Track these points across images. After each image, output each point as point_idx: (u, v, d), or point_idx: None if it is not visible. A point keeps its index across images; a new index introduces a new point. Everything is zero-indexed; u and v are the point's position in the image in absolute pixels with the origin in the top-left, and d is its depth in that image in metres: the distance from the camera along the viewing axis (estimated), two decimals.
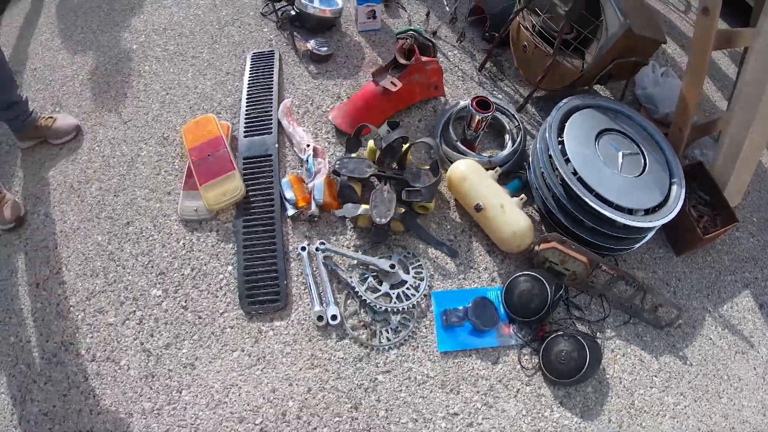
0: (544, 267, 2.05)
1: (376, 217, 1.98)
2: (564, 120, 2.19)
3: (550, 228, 2.18)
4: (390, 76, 2.37)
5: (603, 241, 2.07)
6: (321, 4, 2.78)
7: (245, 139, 2.32)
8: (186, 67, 2.71)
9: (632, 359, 2.00)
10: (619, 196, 2.00)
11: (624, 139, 2.20)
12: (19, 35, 3.00)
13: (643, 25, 2.23)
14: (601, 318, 2.05)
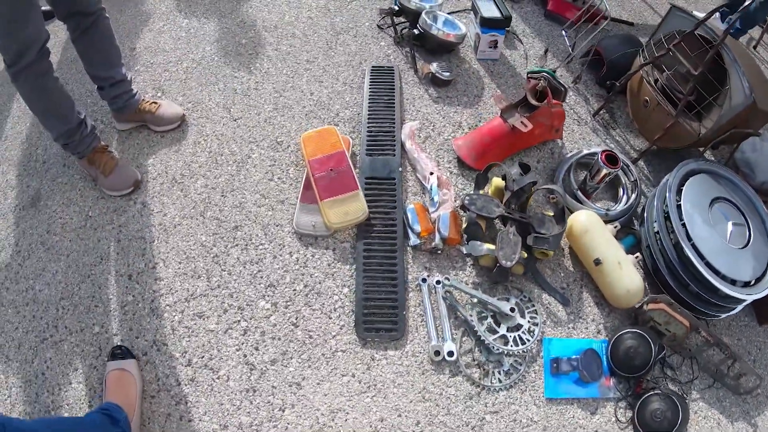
0: (648, 325, 2.05)
1: (502, 259, 1.94)
2: (682, 182, 2.19)
3: (654, 285, 2.19)
4: (519, 115, 2.33)
5: (701, 305, 2.08)
6: (444, 27, 2.74)
7: (367, 157, 2.27)
8: (300, 71, 2.66)
9: (711, 422, 1.98)
10: (726, 266, 2.01)
11: (733, 209, 2.21)
12: (118, 10, 2.96)
13: (765, 98, 2.22)
14: (690, 379, 2.04)
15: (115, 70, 2.18)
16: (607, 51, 2.82)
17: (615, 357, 1.97)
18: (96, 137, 2.17)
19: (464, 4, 3.23)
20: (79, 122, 2.06)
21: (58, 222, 2.15)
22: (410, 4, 2.77)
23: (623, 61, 2.74)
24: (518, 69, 2.89)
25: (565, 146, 2.58)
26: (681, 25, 2.38)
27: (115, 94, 2.23)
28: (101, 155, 2.16)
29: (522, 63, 2.93)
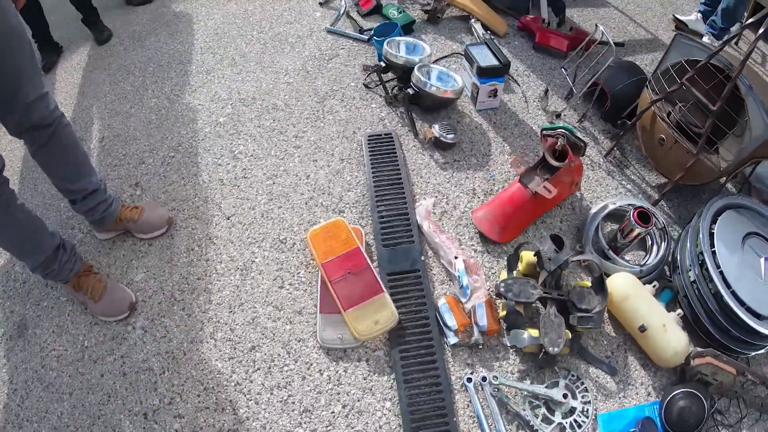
0: (695, 379, 2.01)
1: (548, 346, 1.84)
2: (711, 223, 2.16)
3: (694, 333, 2.15)
4: (539, 178, 2.21)
5: (741, 347, 2.08)
6: (440, 82, 2.61)
7: (384, 249, 2.12)
8: (290, 150, 2.51)
9: None
10: (765, 305, 2.00)
11: (763, 242, 2.18)
12: (79, 93, 2.81)
13: None
14: (740, 419, 2.03)
15: (85, 180, 1.99)
16: (608, 83, 2.73)
17: (669, 420, 1.93)
18: (78, 258, 1.99)
19: (450, 47, 3.12)
20: (56, 248, 1.89)
21: (52, 354, 1.97)
22: (397, 60, 2.63)
23: (627, 92, 2.66)
24: (520, 115, 2.78)
25: (584, 197, 2.47)
26: (688, 53, 2.29)
27: (90, 206, 2.05)
28: (87, 278, 1.99)
29: (523, 106, 2.82)
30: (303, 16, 3.38)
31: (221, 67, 3.00)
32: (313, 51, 3.05)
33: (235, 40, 3.22)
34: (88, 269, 2.02)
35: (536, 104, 2.83)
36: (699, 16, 3.76)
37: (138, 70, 3.04)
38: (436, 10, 3.24)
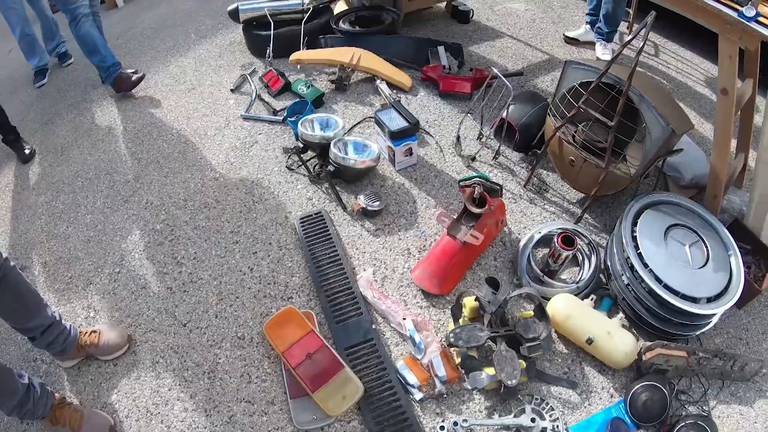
0: (651, 370, 2.19)
1: (506, 380, 2.00)
2: (633, 227, 2.34)
3: (641, 330, 2.36)
4: (465, 227, 2.41)
5: (687, 330, 2.28)
6: (357, 153, 2.79)
7: (336, 326, 2.27)
8: (229, 246, 2.64)
9: (735, 416, 2.17)
10: (700, 289, 2.20)
11: (685, 230, 2.39)
12: (12, 218, 2.88)
13: (679, 123, 2.38)
14: (704, 392, 2.22)
15: (40, 316, 2.07)
16: (514, 116, 2.94)
17: (636, 414, 2.10)
18: (49, 394, 2.05)
19: (362, 112, 3.29)
20: (27, 388, 1.95)
21: None
22: (313, 138, 2.80)
23: (532, 121, 2.88)
24: (438, 165, 2.97)
25: (512, 230, 2.67)
26: (581, 76, 2.50)
27: (50, 341, 2.12)
28: (62, 410, 2.05)
29: (439, 156, 3.01)
30: (218, 106, 3.52)
31: (148, 172, 3.10)
32: (233, 141, 3.19)
33: (156, 142, 3.32)
34: (61, 401, 2.08)
35: (451, 151, 3.03)
36: (587, 27, 4.05)
37: (67, 187, 3.11)
38: (342, 79, 3.43)
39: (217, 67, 3.88)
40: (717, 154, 2.43)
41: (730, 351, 2.31)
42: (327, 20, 3.92)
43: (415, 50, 3.69)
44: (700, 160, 2.84)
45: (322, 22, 3.91)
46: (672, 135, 2.31)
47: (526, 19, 4.52)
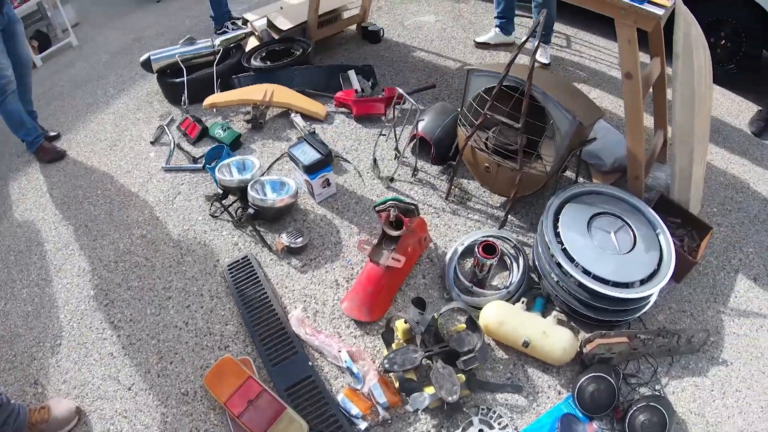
0: (595, 361, 2.23)
1: (447, 397, 2.03)
2: (555, 223, 2.39)
3: (580, 323, 2.40)
4: (387, 252, 2.43)
5: (625, 315, 2.32)
6: (275, 192, 2.80)
7: (274, 368, 2.28)
8: (163, 303, 2.62)
9: (690, 388, 2.24)
10: (631, 273, 2.25)
11: (608, 217, 2.43)
12: None
13: (586, 114, 2.44)
14: (654, 372, 2.28)
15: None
16: (427, 131, 2.97)
17: (585, 407, 2.13)
18: None
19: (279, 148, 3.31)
20: None
21: None
22: (231, 183, 2.81)
23: (446, 133, 2.92)
24: (359, 191, 3.00)
25: (438, 245, 2.70)
26: (484, 83, 2.54)
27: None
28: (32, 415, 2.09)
29: (359, 182, 3.04)
30: (139, 160, 3.49)
31: (77, 237, 3.06)
32: (156, 195, 3.17)
33: (83, 205, 3.27)
34: None
35: (370, 175, 3.06)
36: (497, 30, 4.11)
37: (0, 263, 3.06)
38: (257, 117, 3.43)
39: (135, 120, 3.85)
40: (631, 136, 2.48)
41: (675, 326, 2.38)
42: (239, 59, 3.91)
43: (327, 78, 3.71)
44: (620, 144, 2.88)
45: (234, 62, 3.89)
46: (580, 126, 2.35)
47: (436, 30, 4.58)
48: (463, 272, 2.55)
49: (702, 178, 2.78)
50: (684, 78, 2.38)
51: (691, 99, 2.40)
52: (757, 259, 2.74)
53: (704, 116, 2.57)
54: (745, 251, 2.77)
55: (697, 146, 2.53)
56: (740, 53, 3.80)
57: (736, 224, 2.92)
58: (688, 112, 2.44)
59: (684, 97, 2.42)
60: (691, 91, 2.39)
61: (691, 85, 2.38)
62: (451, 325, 2.39)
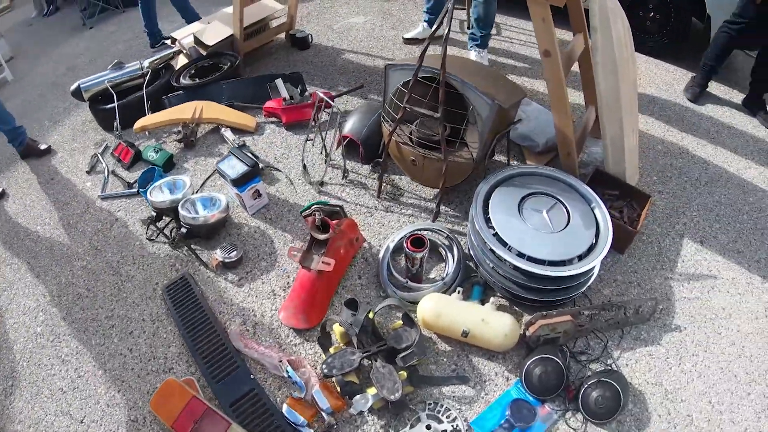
0: (540, 342, 2.23)
1: (389, 396, 2.03)
2: (486, 209, 2.39)
3: (522, 306, 2.41)
4: (317, 256, 2.43)
5: (571, 291, 2.33)
6: (206, 209, 2.78)
7: (217, 384, 2.27)
8: (107, 332, 2.59)
9: (644, 358, 2.28)
10: (567, 251, 2.26)
11: (539, 198, 2.45)
12: None
13: (506, 96, 2.46)
14: (604, 346, 2.31)
15: None
16: (354, 131, 2.97)
17: (534, 389, 2.14)
18: None
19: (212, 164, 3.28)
20: None
21: None
22: (163, 204, 2.78)
23: (374, 131, 2.92)
24: (291, 199, 2.99)
25: (372, 244, 2.71)
26: (402, 77, 2.54)
27: None
28: None
29: (291, 190, 3.03)
30: (76, 191, 3.43)
31: (20, 275, 3.00)
32: (95, 225, 3.13)
33: (24, 242, 3.21)
34: None
35: (302, 182, 3.06)
36: (425, 25, 4.11)
37: None
38: (188, 135, 3.40)
39: (71, 150, 3.79)
40: (557, 113, 2.51)
41: (622, 298, 2.41)
42: (168, 79, 3.87)
43: (255, 89, 3.69)
44: (551, 123, 2.82)
45: (163, 82, 3.85)
46: (500, 109, 2.36)
47: (365, 31, 4.58)
48: (398, 269, 2.55)
49: (636, 148, 2.81)
50: (604, 49, 2.40)
51: (613, 69, 2.42)
52: (702, 222, 2.79)
53: (629, 85, 2.60)
54: (689, 215, 2.82)
55: (626, 116, 2.56)
56: (669, 24, 3.88)
57: (678, 190, 2.97)
58: (612, 82, 2.46)
59: (606, 68, 2.44)
60: (613, 62, 2.41)
61: (612, 55, 2.39)
62: (390, 324, 2.40)
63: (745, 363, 2.30)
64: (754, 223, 2.88)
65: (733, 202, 3.00)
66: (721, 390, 2.21)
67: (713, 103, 3.77)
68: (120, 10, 5.79)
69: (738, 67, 4.16)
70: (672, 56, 4.12)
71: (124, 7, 5.80)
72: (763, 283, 2.59)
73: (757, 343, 2.36)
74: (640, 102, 3.53)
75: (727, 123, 3.59)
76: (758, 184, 3.13)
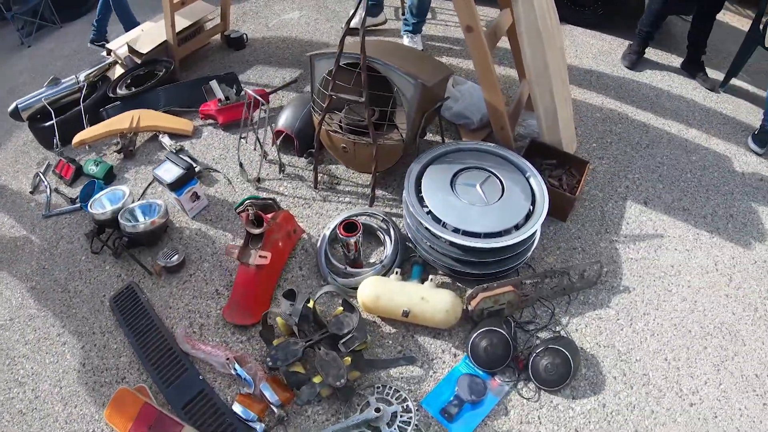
0: (485, 316, 2.25)
1: (334, 383, 2.04)
2: (418, 190, 2.39)
3: (465, 281, 2.42)
4: (254, 251, 2.43)
5: (511, 262, 2.35)
6: (145, 216, 2.76)
7: (168, 388, 2.25)
8: (59, 349, 2.56)
9: (594, 322, 2.31)
10: (503, 222, 2.27)
11: (471, 172, 2.46)
12: None
13: (429, 75, 2.46)
14: (551, 314, 2.33)
15: None
16: (287, 125, 2.95)
17: (482, 362, 2.15)
18: None
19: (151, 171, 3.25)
20: None
21: None
22: (104, 216, 2.75)
23: (307, 122, 2.91)
24: (231, 198, 2.97)
25: (312, 235, 2.71)
26: (328, 66, 2.52)
27: None
28: None
29: (230, 190, 3.01)
30: (21, 212, 3.35)
31: None
32: (41, 245, 3.07)
33: None
34: None
35: (240, 180, 3.05)
36: None
37: None
38: (126, 146, 3.35)
39: (15, 173, 3.73)
40: (486, 88, 2.54)
41: (566, 264, 2.42)
42: (105, 90, 3.82)
43: (191, 93, 3.64)
44: None
45: (101, 95, 3.79)
46: (425, 88, 2.35)
47: (301, 26, 4.55)
48: (338, 257, 2.56)
49: (571, 116, 2.83)
50: (527, 19, 2.40)
51: (538, 39, 2.43)
52: (645, 183, 2.83)
53: (556, 53, 2.60)
54: (631, 178, 2.86)
55: (557, 84, 2.57)
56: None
57: (618, 154, 3.01)
58: (539, 52, 2.47)
59: (531, 38, 2.44)
60: (537, 31, 2.40)
61: (535, 25, 2.39)
62: (332, 311, 2.39)
63: (698, 317, 2.35)
64: (699, 181, 2.93)
65: (676, 162, 3.04)
66: (676, 346, 2.25)
67: (651, 68, 3.83)
68: (57, 26, 5.65)
69: (675, 32, 4.21)
70: (608, 27, 4.16)
71: (62, 22, 5.66)
72: (711, 238, 2.64)
73: (710, 296, 2.41)
74: (577, 73, 3.58)
75: (666, 87, 3.65)
76: (700, 142, 3.19)
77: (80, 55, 4.90)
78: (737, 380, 2.22)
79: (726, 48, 4.10)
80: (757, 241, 2.69)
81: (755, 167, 3.12)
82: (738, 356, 2.28)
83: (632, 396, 2.16)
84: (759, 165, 3.14)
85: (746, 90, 3.79)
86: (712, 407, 2.14)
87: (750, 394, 2.18)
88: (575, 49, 4.16)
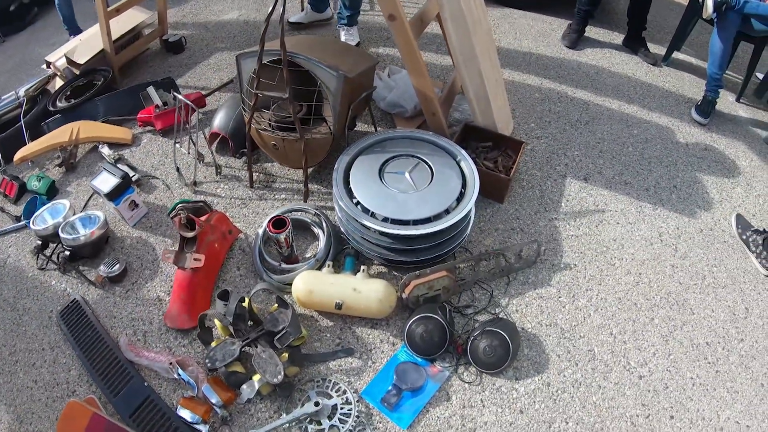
0: (421, 303, 2.23)
1: (272, 379, 2.02)
2: (347, 182, 2.37)
3: (400, 269, 2.40)
4: (189, 254, 2.39)
5: (446, 246, 2.32)
6: (85, 228, 2.70)
7: (116, 398, 2.22)
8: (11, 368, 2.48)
9: (535, 301, 2.30)
10: (433, 208, 2.24)
11: (401, 159, 2.44)
12: None
13: (352, 66, 2.42)
14: (490, 296, 2.31)
15: None
16: (221, 126, 2.91)
17: (419, 350, 2.14)
18: None
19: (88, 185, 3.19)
20: None
21: None
22: (46, 231, 2.69)
23: (240, 123, 2.85)
24: (170, 204, 2.90)
25: (249, 234, 2.68)
26: (253, 64, 2.46)
27: None
28: None
29: (169, 195, 2.95)
30: None
31: None
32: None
33: None
34: None
35: (179, 185, 3.00)
36: (309, 8, 4.01)
37: None
38: (67, 159, 3.27)
39: None
40: (413, 75, 2.51)
41: (505, 245, 2.37)
42: (45, 104, 3.73)
43: (130, 100, 3.54)
44: None
45: (41, 109, 3.70)
46: (348, 80, 2.32)
47: (240, 25, 4.45)
48: (275, 254, 2.53)
49: (504, 98, 2.80)
50: (450, 4, 2.38)
51: (463, 23, 2.40)
52: (585, 159, 2.82)
53: (483, 36, 2.57)
54: (571, 155, 2.84)
55: (486, 67, 2.54)
56: None
57: (557, 133, 3.00)
58: (464, 36, 2.44)
59: (456, 23, 2.41)
60: (461, 14, 2.37)
61: (459, 9, 2.37)
62: (269, 309, 2.36)
63: (644, 289, 2.34)
64: (641, 154, 2.93)
65: (617, 136, 3.03)
66: (621, 320, 2.24)
67: (592, 47, 3.82)
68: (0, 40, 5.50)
69: (615, 10, 4.20)
70: (547, 8, 4.12)
71: (4, 36, 5.50)
72: (654, 210, 2.63)
73: (655, 268, 2.40)
74: (516, 56, 3.55)
75: (607, 64, 3.64)
76: (642, 116, 3.18)
77: (24, 68, 4.76)
78: (687, 349, 2.22)
79: (667, 23, 4.10)
80: (702, 209, 2.70)
81: (699, 137, 3.13)
82: (687, 325, 2.29)
83: (578, 373, 2.16)
84: (702, 135, 3.15)
85: (689, 63, 3.81)
86: (662, 378, 2.15)
87: (701, 362, 2.19)
88: (514, 32, 4.12)
